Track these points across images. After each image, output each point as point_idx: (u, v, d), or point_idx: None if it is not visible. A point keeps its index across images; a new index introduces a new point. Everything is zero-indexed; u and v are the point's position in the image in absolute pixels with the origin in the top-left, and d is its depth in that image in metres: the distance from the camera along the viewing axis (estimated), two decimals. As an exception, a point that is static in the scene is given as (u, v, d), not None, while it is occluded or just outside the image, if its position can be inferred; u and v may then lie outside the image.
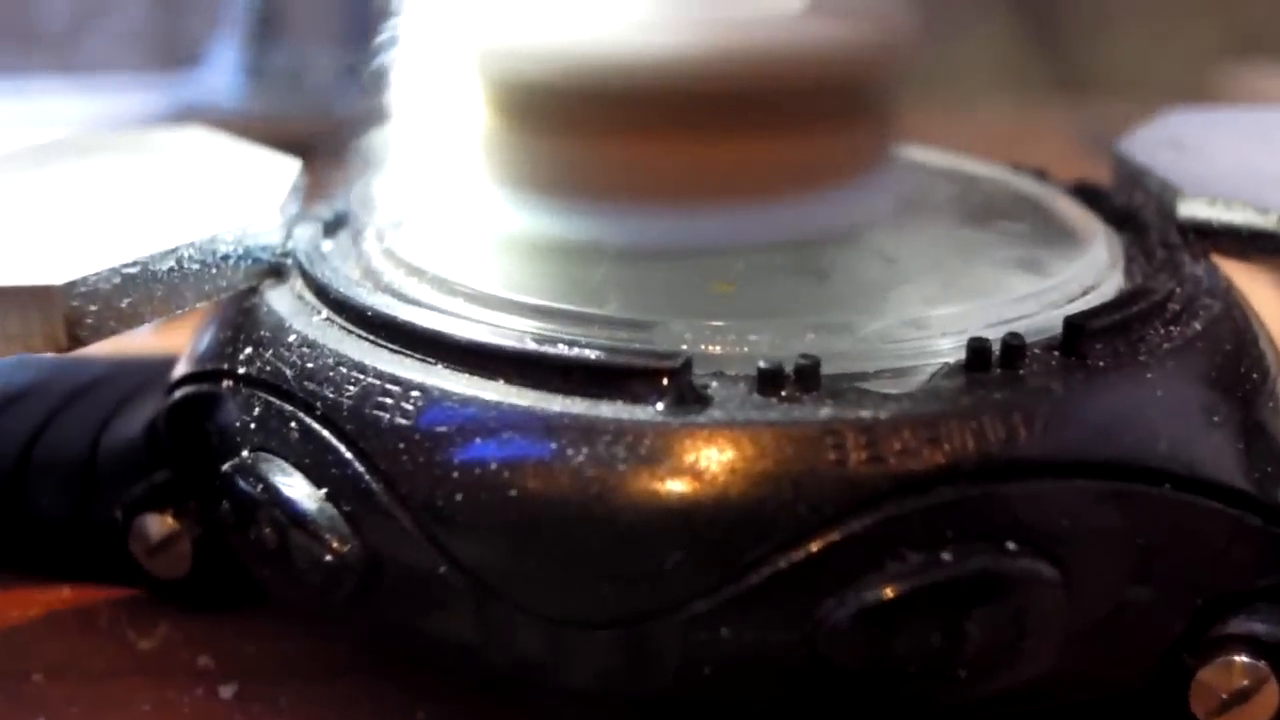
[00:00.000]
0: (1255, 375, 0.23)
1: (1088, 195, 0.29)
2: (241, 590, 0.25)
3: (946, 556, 0.19)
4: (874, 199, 0.26)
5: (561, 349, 0.21)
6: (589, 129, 0.24)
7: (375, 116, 0.27)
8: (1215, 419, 0.22)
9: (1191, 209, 0.26)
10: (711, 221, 0.25)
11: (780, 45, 0.24)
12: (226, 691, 0.24)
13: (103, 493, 0.26)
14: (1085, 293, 0.24)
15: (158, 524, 0.25)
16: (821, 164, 0.25)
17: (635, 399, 0.20)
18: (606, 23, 0.25)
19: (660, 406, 0.20)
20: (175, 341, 0.27)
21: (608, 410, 0.20)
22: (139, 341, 0.29)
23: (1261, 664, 0.21)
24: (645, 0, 0.25)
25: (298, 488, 0.21)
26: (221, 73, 0.65)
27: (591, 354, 0.20)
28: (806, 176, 0.25)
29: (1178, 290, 0.24)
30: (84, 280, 0.22)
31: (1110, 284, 0.24)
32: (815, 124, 0.25)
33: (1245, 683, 0.21)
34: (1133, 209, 0.27)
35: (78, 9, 0.74)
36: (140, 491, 0.25)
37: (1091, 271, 0.24)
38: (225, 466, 0.23)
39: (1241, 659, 0.21)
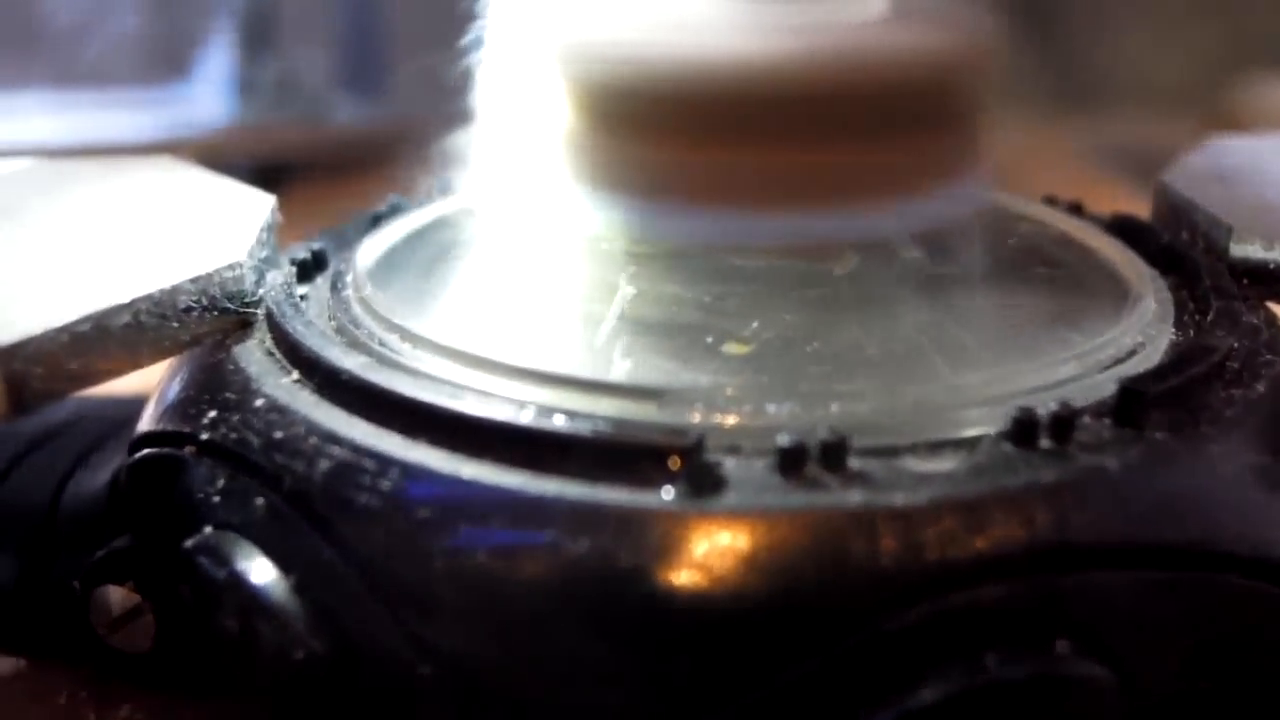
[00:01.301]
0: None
1: (1129, 233, 0.27)
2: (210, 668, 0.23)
3: (991, 660, 0.17)
4: (954, 208, 0.25)
5: (559, 422, 0.19)
6: (673, 133, 0.23)
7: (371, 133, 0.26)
8: (1284, 493, 0.20)
9: (1245, 250, 0.24)
10: (789, 225, 0.23)
11: (867, 51, 0.23)
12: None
13: (62, 556, 0.24)
14: (1135, 350, 0.21)
15: (119, 596, 0.23)
16: (900, 172, 0.24)
17: (642, 482, 0.18)
18: (688, 27, 0.23)
19: (670, 491, 0.18)
20: (151, 376, 0.25)
21: (611, 495, 0.18)
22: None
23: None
24: (724, 4, 0.24)
25: (263, 572, 0.19)
26: (212, 84, 0.64)
27: (593, 429, 0.18)
28: (885, 183, 0.24)
29: (1236, 346, 0.21)
30: (29, 341, 0.20)
31: (1162, 339, 0.22)
32: (896, 132, 0.23)
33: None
34: (1180, 250, 0.25)
35: (69, 21, 0.72)
36: (100, 559, 0.23)
37: (1140, 325, 0.22)
38: (187, 543, 0.20)
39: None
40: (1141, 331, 0.22)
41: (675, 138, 0.23)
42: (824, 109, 0.23)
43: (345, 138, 0.62)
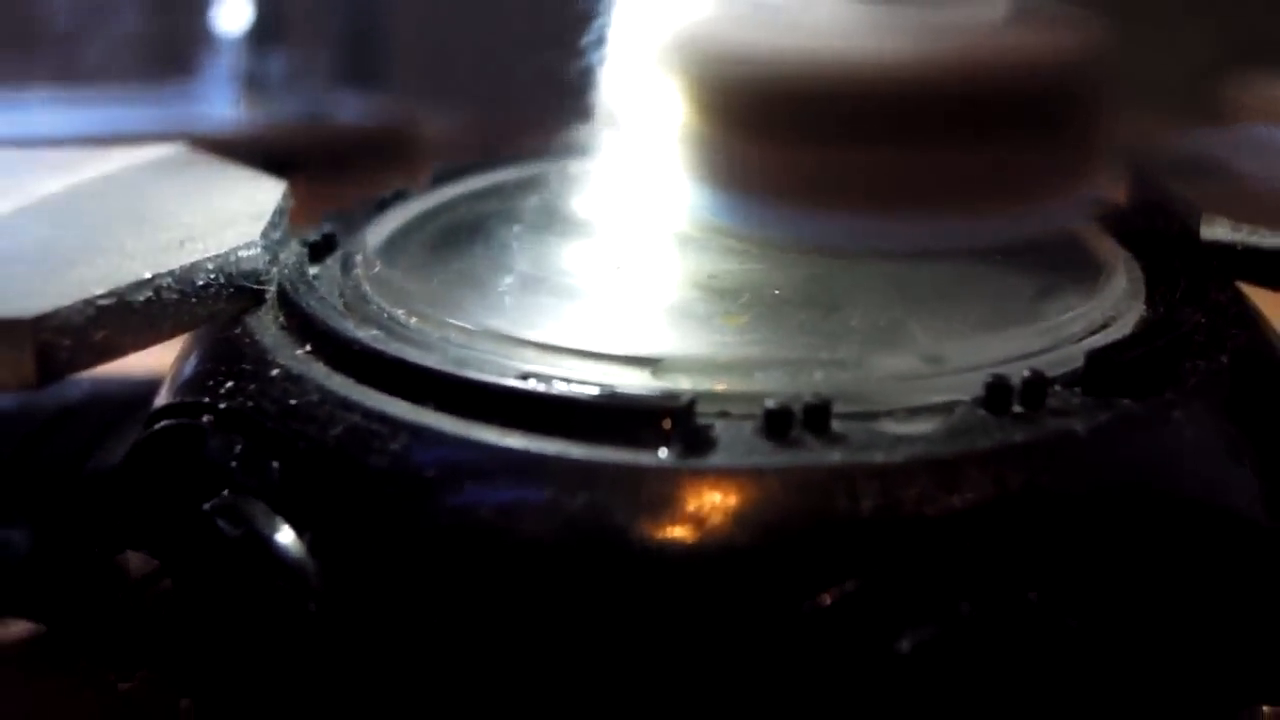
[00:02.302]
0: (1285, 409, 0.22)
1: (1105, 217, 0.28)
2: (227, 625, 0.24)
3: (965, 609, 0.18)
4: (1069, 214, 0.25)
5: (559, 388, 0.20)
6: (789, 132, 0.24)
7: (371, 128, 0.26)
8: (1244, 457, 0.21)
9: (1215, 232, 0.25)
10: (907, 229, 0.24)
11: (990, 53, 0.24)
12: (207, 738, 0.23)
13: (82, 527, 0.25)
14: (1106, 324, 0.23)
15: (138, 562, 0.24)
16: (1018, 178, 0.24)
17: (637, 442, 0.19)
18: (810, 28, 0.24)
19: (662, 450, 0.19)
20: (164, 359, 0.26)
21: (607, 454, 0.19)
22: (125, 361, 0.28)
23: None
24: (846, 5, 0.24)
25: (279, 532, 0.20)
26: (220, 83, 0.65)
27: (590, 393, 0.19)
28: (1003, 190, 0.24)
29: (1202, 320, 0.23)
30: (56, 312, 0.21)
31: (1132, 314, 0.23)
32: (1016, 137, 0.24)
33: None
34: (1153, 232, 0.26)
35: (75, 18, 0.73)
36: (120, 527, 0.24)
37: (1111, 301, 0.23)
38: (205, 506, 0.21)
39: (1271, 708, 0.20)
40: (1113, 307, 0.23)
41: (791, 137, 0.24)
42: (941, 112, 0.23)
43: (347, 135, 0.63)
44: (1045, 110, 0.24)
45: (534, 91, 0.26)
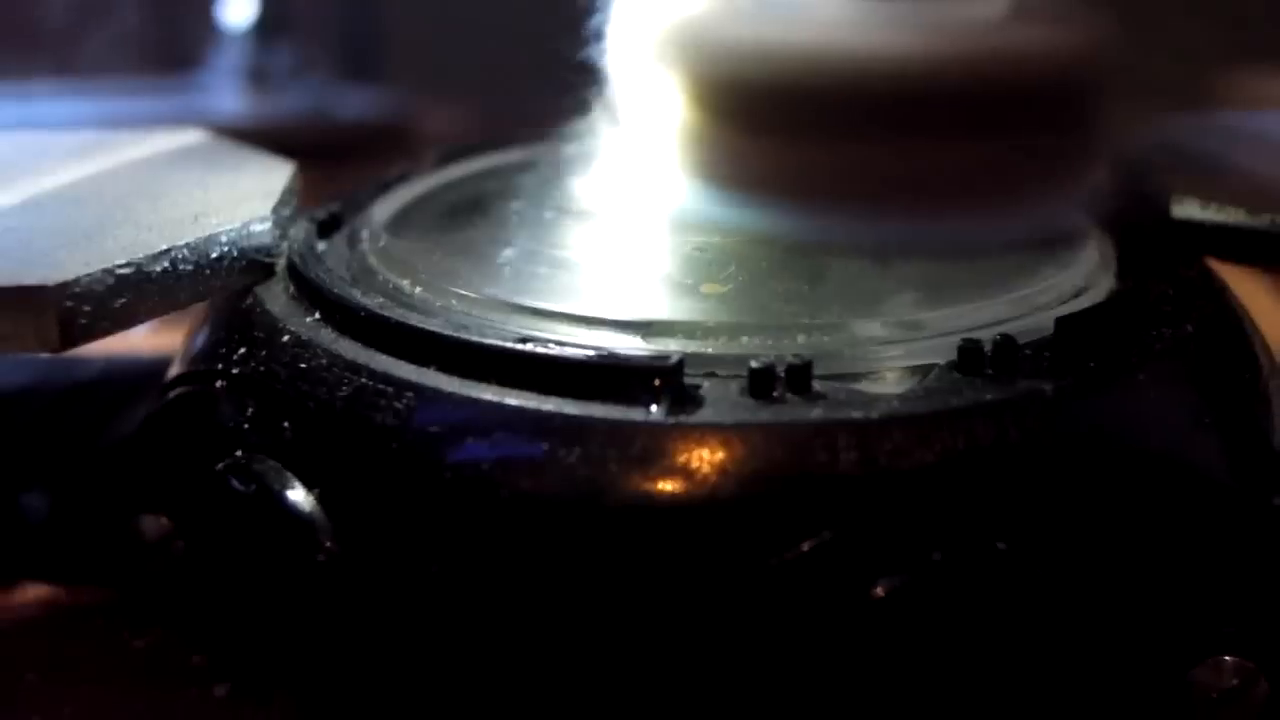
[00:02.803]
0: (1246, 376, 0.23)
1: (1082, 195, 0.29)
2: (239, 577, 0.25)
3: (938, 557, 0.19)
4: (1065, 212, 0.26)
5: (554, 350, 0.21)
6: (791, 128, 0.24)
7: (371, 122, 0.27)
8: (1206, 419, 0.22)
9: (1185, 210, 0.26)
10: (903, 224, 0.25)
11: (989, 49, 0.24)
12: (219, 690, 0.24)
13: (98, 493, 0.26)
14: (1078, 294, 0.24)
15: (153, 524, 0.25)
16: (1012, 176, 0.25)
17: (628, 399, 0.20)
18: (808, 23, 0.24)
19: (652, 407, 0.20)
20: (171, 341, 0.27)
21: (600, 411, 0.20)
22: (135, 341, 0.29)
23: (1253, 663, 0.21)
24: (848, 1, 0.25)
25: (290, 488, 0.21)
26: (222, 76, 0.65)
27: (584, 354, 0.21)
28: (995, 187, 0.25)
29: (1170, 292, 0.24)
30: (77, 281, 0.22)
31: (1103, 286, 0.24)
32: (1013, 131, 0.25)
33: (1236, 681, 0.21)
34: (1127, 210, 0.27)
35: (77, 12, 0.74)
36: (135, 491, 0.25)
37: (1084, 272, 0.24)
38: (219, 466, 0.23)
39: (1234, 658, 0.21)
40: (1084, 278, 0.24)
41: (786, 132, 0.24)
42: (937, 108, 0.24)
43: (349, 129, 0.63)
44: (1043, 106, 0.25)
45: (533, 86, 0.26)
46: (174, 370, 0.25)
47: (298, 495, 0.21)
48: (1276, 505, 0.22)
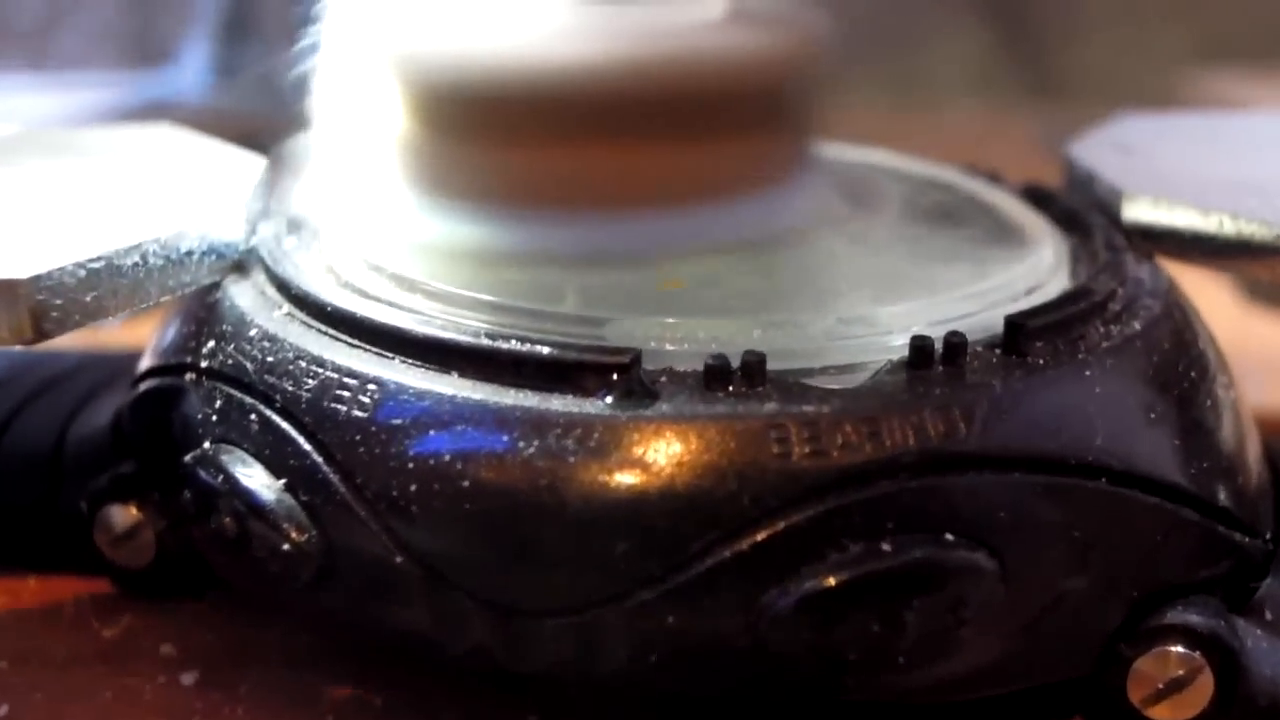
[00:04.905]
0: (1194, 374, 0.23)
1: (1038, 197, 0.29)
2: (204, 580, 0.25)
3: (886, 547, 0.20)
4: (795, 203, 0.26)
5: (515, 344, 0.21)
6: (506, 136, 0.25)
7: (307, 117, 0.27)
8: (1152, 416, 0.22)
9: (1136, 211, 0.27)
10: (630, 227, 0.25)
11: (696, 53, 0.25)
12: (188, 679, 0.24)
13: (68, 484, 0.26)
14: (1029, 292, 0.24)
15: (122, 515, 0.26)
16: (741, 170, 0.26)
17: (585, 393, 0.21)
18: (524, 31, 0.25)
19: (609, 400, 0.20)
20: (142, 335, 0.27)
21: (559, 404, 0.20)
22: (106, 335, 0.29)
23: (1197, 654, 0.21)
24: (564, 8, 0.25)
25: (257, 478, 0.22)
26: (191, 70, 0.65)
27: (544, 349, 0.21)
28: (725, 182, 0.25)
29: (1119, 291, 0.24)
30: (49, 274, 0.22)
31: (1054, 284, 0.25)
32: (734, 130, 0.25)
33: (1181, 672, 0.22)
34: (1080, 211, 0.28)
35: (49, 7, 0.74)
36: (105, 483, 0.26)
37: (1036, 272, 0.25)
38: (187, 457, 0.23)
39: (1177, 649, 0.22)
40: (1036, 277, 0.25)
41: (503, 141, 0.24)
42: (649, 111, 0.24)
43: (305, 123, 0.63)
44: (752, 109, 0.25)
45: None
46: (144, 363, 0.26)
47: (264, 485, 0.22)
48: (1222, 503, 0.22)
